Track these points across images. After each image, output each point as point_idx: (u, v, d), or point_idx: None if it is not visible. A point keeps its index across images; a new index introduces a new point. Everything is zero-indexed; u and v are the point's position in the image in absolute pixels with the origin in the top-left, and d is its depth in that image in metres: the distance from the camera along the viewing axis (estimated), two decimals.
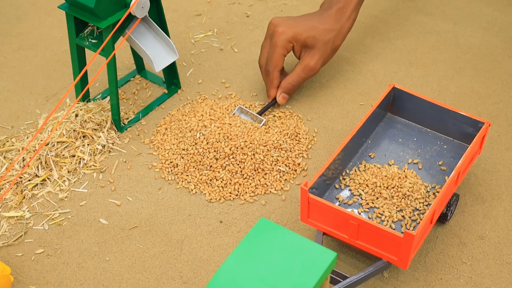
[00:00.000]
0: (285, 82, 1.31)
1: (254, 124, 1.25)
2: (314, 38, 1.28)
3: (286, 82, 1.31)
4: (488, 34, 1.50)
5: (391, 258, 1.01)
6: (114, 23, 1.19)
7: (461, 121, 1.16)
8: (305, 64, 1.30)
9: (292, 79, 1.31)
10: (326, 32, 1.29)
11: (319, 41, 1.28)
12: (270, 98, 1.32)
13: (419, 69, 1.43)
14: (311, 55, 1.30)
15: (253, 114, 1.28)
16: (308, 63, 1.30)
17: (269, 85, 1.32)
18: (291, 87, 1.31)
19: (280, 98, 1.31)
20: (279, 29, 1.28)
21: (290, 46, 1.29)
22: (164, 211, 1.18)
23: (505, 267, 1.09)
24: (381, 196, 1.11)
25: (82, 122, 1.27)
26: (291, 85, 1.31)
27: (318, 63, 1.30)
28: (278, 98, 1.31)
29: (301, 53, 1.31)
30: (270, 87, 1.32)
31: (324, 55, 1.30)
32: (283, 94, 1.31)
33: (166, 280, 1.09)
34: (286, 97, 1.32)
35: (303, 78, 1.31)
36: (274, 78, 1.31)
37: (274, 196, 1.20)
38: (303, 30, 1.28)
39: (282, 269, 0.80)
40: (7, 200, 1.19)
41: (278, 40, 1.28)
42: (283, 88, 1.31)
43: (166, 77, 1.37)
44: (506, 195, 1.19)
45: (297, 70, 1.30)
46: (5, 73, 1.44)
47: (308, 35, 1.28)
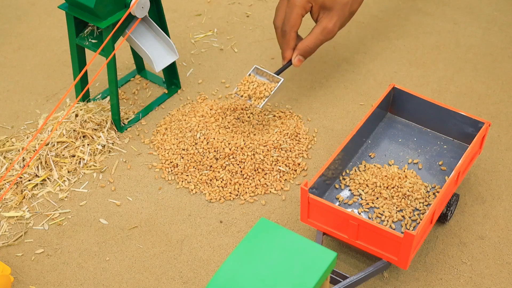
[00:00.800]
0: (302, 44, 1.27)
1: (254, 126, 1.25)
2: (333, 0, 1.25)
3: (303, 44, 1.27)
4: (488, 34, 1.50)
5: (391, 258, 1.01)
6: (114, 23, 1.19)
7: (461, 121, 1.16)
8: (323, 26, 1.26)
9: (310, 41, 1.27)
10: None
11: (338, 3, 1.25)
12: (286, 60, 1.28)
13: (419, 69, 1.43)
14: (330, 17, 1.26)
15: (269, 74, 1.25)
16: (326, 25, 1.26)
17: (285, 46, 1.28)
18: (308, 49, 1.27)
19: (295, 60, 1.28)
20: None
21: (308, 6, 1.26)
22: (164, 211, 1.18)
23: (505, 267, 1.09)
24: (381, 196, 1.11)
25: (82, 122, 1.27)
26: (308, 47, 1.27)
27: (336, 25, 1.26)
28: (293, 60, 1.28)
29: (319, 15, 1.27)
30: (286, 48, 1.28)
31: (342, 18, 1.27)
32: (299, 57, 1.28)
33: (166, 280, 1.09)
34: (301, 60, 1.28)
35: (320, 41, 1.27)
36: (291, 39, 1.27)
37: (274, 196, 1.20)
38: None
39: (282, 269, 0.80)
40: (7, 200, 1.19)
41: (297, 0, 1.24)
42: (300, 50, 1.27)
43: (166, 77, 1.37)
44: (506, 195, 1.19)
45: (315, 32, 1.27)
46: (5, 73, 1.44)
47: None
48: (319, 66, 1.43)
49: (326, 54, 1.46)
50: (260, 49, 1.48)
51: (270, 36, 1.51)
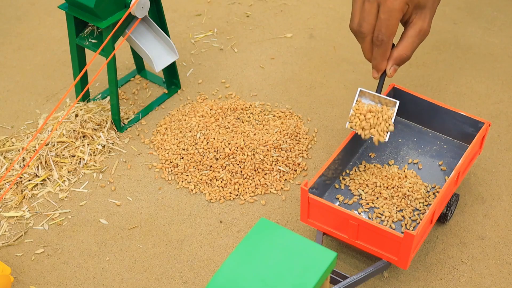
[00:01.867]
0: (399, 52, 1.12)
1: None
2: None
3: (400, 52, 1.12)
4: (488, 34, 1.50)
5: (391, 258, 1.01)
6: (114, 23, 1.19)
7: (461, 121, 1.16)
8: (419, 28, 1.11)
9: (407, 48, 1.12)
10: None
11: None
12: (380, 72, 1.13)
13: (419, 69, 1.43)
14: (423, 17, 1.11)
15: (379, 97, 1.12)
16: (422, 27, 1.11)
17: (381, 57, 1.12)
18: (406, 57, 1.13)
19: (391, 70, 1.13)
20: None
21: (406, 8, 1.09)
22: (164, 211, 1.18)
23: (505, 267, 1.09)
24: (381, 196, 1.11)
25: (82, 122, 1.27)
26: (406, 55, 1.12)
27: (429, 24, 1.12)
28: (389, 71, 1.13)
29: (412, 16, 1.12)
30: (383, 59, 1.12)
31: (432, 14, 1.12)
32: (394, 66, 1.13)
33: (166, 280, 1.09)
34: (396, 69, 1.14)
35: (417, 45, 1.13)
36: (389, 48, 1.11)
37: (274, 196, 1.20)
38: None
39: (282, 269, 0.80)
40: (7, 200, 1.19)
41: (395, 3, 1.08)
42: (396, 59, 1.13)
43: (166, 77, 1.37)
44: (506, 195, 1.19)
45: (410, 36, 1.12)
46: (5, 73, 1.44)
47: None
48: (319, 66, 1.43)
49: (326, 54, 1.46)
50: (260, 49, 1.48)
51: (270, 36, 1.51)
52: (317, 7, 1.59)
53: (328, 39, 1.50)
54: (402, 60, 1.13)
